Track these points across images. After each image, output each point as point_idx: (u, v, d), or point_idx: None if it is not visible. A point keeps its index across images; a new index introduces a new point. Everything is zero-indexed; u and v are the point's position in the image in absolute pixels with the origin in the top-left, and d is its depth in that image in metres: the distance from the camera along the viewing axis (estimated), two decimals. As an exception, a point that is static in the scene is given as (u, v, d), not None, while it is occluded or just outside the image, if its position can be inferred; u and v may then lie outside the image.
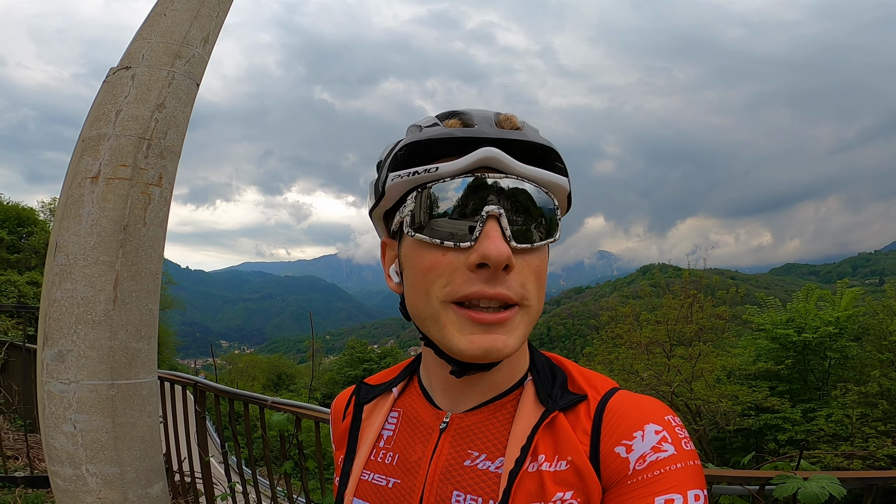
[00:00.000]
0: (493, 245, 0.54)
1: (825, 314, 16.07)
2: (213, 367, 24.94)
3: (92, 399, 1.84)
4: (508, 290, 0.56)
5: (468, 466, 0.61)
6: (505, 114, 0.63)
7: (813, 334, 15.53)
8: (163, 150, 2.04)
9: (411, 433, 0.68)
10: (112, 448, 1.85)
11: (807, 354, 16.07)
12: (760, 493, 1.53)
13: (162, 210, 2.08)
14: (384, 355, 33.99)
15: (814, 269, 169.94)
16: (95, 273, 1.93)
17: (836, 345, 15.59)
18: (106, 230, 1.94)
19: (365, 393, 0.76)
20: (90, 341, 1.88)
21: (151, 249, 2.06)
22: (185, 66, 2.11)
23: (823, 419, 13.10)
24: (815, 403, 14.47)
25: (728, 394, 13.55)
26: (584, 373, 0.66)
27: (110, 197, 1.93)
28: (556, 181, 0.60)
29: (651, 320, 16.02)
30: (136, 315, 1.99)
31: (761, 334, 17.26)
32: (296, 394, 32.24)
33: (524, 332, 0.58)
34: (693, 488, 0.53)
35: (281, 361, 45.65)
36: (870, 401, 12.79)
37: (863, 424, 11.88)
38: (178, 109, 2.08)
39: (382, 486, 0.65)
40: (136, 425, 1.92)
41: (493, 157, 0.57)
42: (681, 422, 0.59)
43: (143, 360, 1.99)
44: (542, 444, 0.59)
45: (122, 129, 1.95)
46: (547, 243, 0.60)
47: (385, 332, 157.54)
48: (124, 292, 1.97)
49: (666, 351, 15.00)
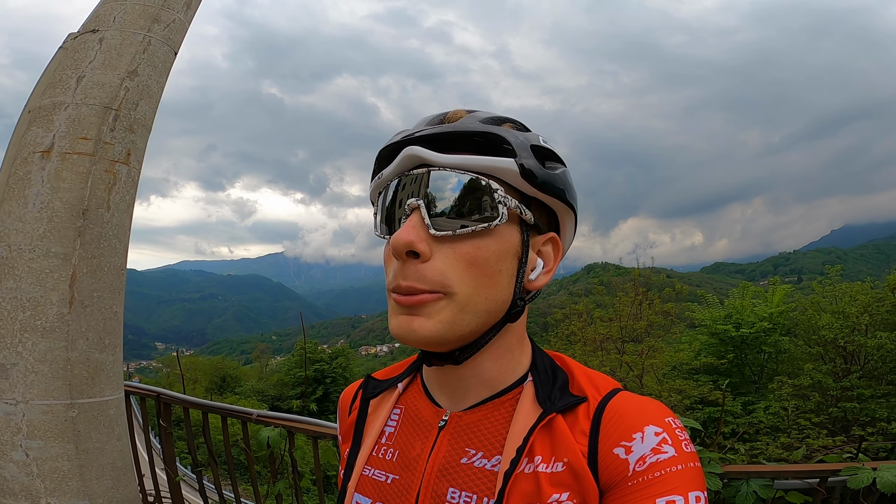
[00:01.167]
0: (396, 234, 0.57)
1: (759, 310, 17.16)
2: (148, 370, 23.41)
3: (46, 422, 1.50)
4: (418, 280, 0.57)
5: (465, 464, 0.62)
6: (454, 110, 0.65)
7: (749, 329, 16.56)
8: (132, 123, 1.71)
9: (411, 430, 0.69)
10: (78, 478, 1.53)
11: (744, 349, 17.11)
12: (822, 485, 1.52)
13: (129, 192, 1.75)
14: (335, 355, 33.08)
15: (740, 268, 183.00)
16: (46, 268, 1.58)
17: (770, 339, 16.69)
18: (60, 215, 1.59)
19: (372, 388, 0.77)
20: (40, 353, 1.54)
21: (116, 240, 1.72)
22: (164, 31, 1.79)
23: (762, 411, 13.95)
24: (752, 396, 15.41)
25: (676, 388, 14.17)
26: (587, 374, 0.66)
27: (66, 175, 1.58)
28: (492, 164, 0.59)
29: (604, 318, 16.51)
30: (98, 320, 1.65)
31: (702, 330, 18.20)
32: (242, 396, 30.75)
33: (449, 318, 0.58)
34: (694, 490, 0.53)
35: (225, 363, 43.45)
36: (803, 393, 13.76)
37: (798, 416, 12.73)
38: (153, 79, 1.76)
39: (382, 481, 0.66)
40: (105, 451, 1.60)
41: (413, 155, 0.60)
42: (681, 424, 0.59)
43: (109, 373, 1.66)
44: (539, 445, 0.59)
45: (85, 97, 1.62)
46: (475, 229, 0.58)
47: (335, 332, 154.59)
48: (83, 292, 1.63)
49: (618, 347, 15.49)
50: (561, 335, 17.35)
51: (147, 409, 2.87)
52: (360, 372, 36.71)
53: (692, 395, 14.36)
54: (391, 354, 79.40)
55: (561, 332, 17.40)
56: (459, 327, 0.59)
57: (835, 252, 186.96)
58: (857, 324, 14.24)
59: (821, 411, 12.90)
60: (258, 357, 55.20)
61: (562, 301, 22.96)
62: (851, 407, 12.71)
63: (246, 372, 44.77)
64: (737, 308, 17.59)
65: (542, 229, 0.65)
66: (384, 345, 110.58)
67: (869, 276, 20.42)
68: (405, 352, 75.25)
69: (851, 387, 13.14)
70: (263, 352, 58.19)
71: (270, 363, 50.60)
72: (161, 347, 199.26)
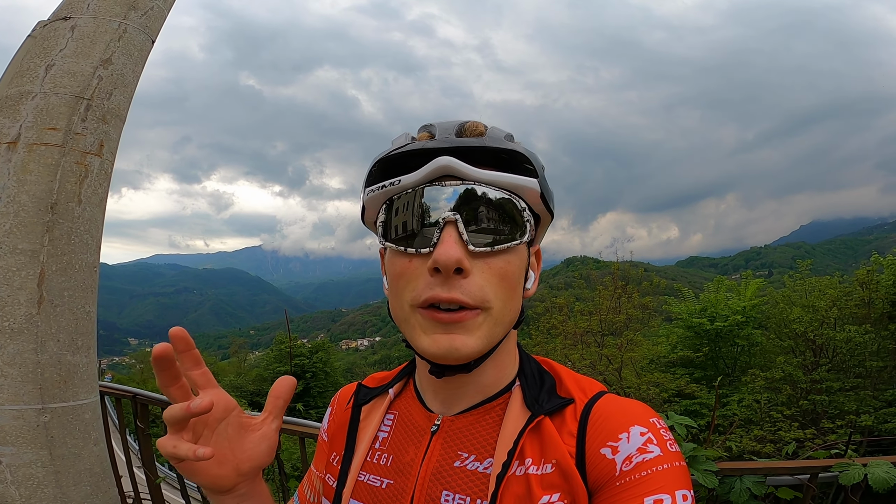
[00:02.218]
0: (443, 250, 0.57)
1: (733, 304, 17.60)
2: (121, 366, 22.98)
3: (18, 428, 1.42)
4: (463, 293, 0.58)
5: (457, 467, 0.63)
6: (472, 122, 0.65)
7: (723, 323, 16.97)
8: (105, 113, 1.61)
9: (405, 435, 0.69)
10: (54, 485, 1.45)
11: (718, 342, 17.54)
12: (812, 481, 1.54)
13: (101, 186, 1.66)
14: (315, 349, 32.69)
15: (713, 262, 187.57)
16: (12, 266, 1.48)
17: (743, 332, 17.14)
18: (27, 209, 1.49)
19: (363, 395, 0.77)
20: (9, 355, 1.45)
21: (88, 235, 1.63)
22: (141, 18, 1.70)
23: (736, 404, 14.32)
24: (726, 389, 15.81)
25: (654, 381, 14.44)
26: (574, 377, 0.68)
27: (33, 167, 1.48)
28: (520, 183, 0.61)
29: (584, 311, 16.70)
30: (69, 320, 1.57)
31: (678, 323, 18.59)
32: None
33: (487, 333, 0.59)
34: (680, 488, 0.54)
35: (203, 357, 42.60)
36: (775, 386, 14.17)
37: (770, 409, 13.09)
38: (128, 67, 1.66)
39: (377, 486, 0.66)
40: (82, 456, 1.52)
41: (447, 166, 0.60)
42: (665, 424, 0.61)
43: (82, 375, 1.57)
44: (529, 447, 0.60)
45: (54, 85, 1.52)
46: (510, 245, 0.61)
47: (315, 326, 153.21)
48: (53, 291, 1.54)
49: (598, 341, 15.70)
50: (542, 329, 17.50)
51: (122, 408, 2.77)
52: (341, 367, 36.45)
53: (669, 388, 14.65)
54: (372, 349, 79.16)
55: (542, 326, 17.55)
56: (494, 340, 0.61)
57: (804, 247, 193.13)
58: (827, 317, 14.71)
59: (792, 404, 13.30)
60: (236, 352, 54.40)
61: (542, 294, 23.15)
62: (821, 399, 13.14)
63: (224, 367, 44.02)
64: (711, 302, 18.01)
65: (533, 242, 0.69)
66: (364, 338, 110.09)
67: (837, 271, 21.13)
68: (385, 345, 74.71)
69: (821, 380, 13.57)
70: (241, 346, 57.35)
71: (249, 358, 49.89)
72: (134, 343, 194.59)
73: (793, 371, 14.10)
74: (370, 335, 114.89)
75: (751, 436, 10.59)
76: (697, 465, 1.46)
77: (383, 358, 45.38)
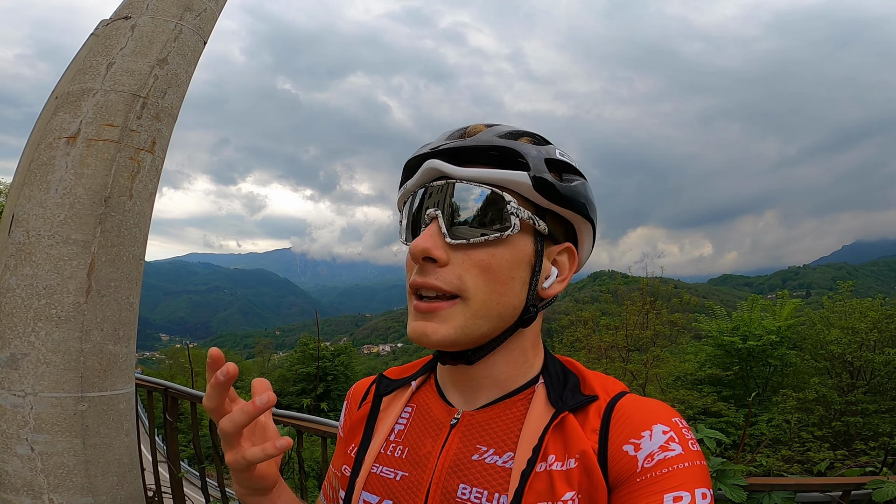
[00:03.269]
0: (416, 241, 0.62)
1: (767, 323, 16.99)
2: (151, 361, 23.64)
3: (55, 415, 1.47)
4: (438, 279, 0.61)
5: (476, 461, 0.63)
6: (475, 125, 0.68)
7: (756, 342, 16.39)
8: (159, 112, 1.68)
9: (422, 428, 0.70)
10: (83, 474, 1.49)
11: (750, 361, 16.93)
12: (844, 498, 1.51)
13: (152, 182, 1.73)
14: (338, 353, 33.00)
15: (748, 281, 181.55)
16: (64, 255, 1.55)
17: (776, 352, 16.52)
18: (82, 201, 1.56)
19: (385, 385, 0.78)
20: (54, 343, 1.50)
21: (136, 229, 1.70)
22: (195, 20, 1.78)
23: (765, 423, 13.79)
24: (756, 409, 15.24)
25: (679, 398, 14.03)
26: (598, 376, 0.68)
27: (90, 161, 1.56)
28: (507, 177, 0.62)
29: (610, 325, 16.39)
30: (114, 310, 1.63)
31: (708, 341, 18.04)
32: (243, 391, 30.74)
33: (462, 324, 0.61)
34: (700, 486, 0.55)
35: (228, 357, 43.41)
36: (807, 406, 13.59)
37: (800, 429, 12.58)
38: (182, 68, 1.74)
39: (390, 478, 0.67)
40: (112, 446, 1.57)
41: (434, 168, 0.64)
42: (687, 424, 0.61)
43: (121, 366, 1.63)
44: (553, 444, 0.60)
45: (114, 83, 1.60)
46: (487, 238, 0.62)
47: (339, 330, 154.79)
48: (101, 281, 1.60)
49: (623, 356, 15.38)
50: (566, 342, 17.24)
51: (153, 401, 2.83)
52: (362, 371, 36.70)
53: (695, 405, 14.22)
54: (393, 354, 79.46)
55: (566, 339, 17.29)
56: (471, 331, 0.62)
57: (845, 268, 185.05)
58: (866, 339, 14.09)
59: (824, 425, 12.76)
60: (261, 352, 55.35)
61: (567, 307, 22.83)
62: (855, 421, 12.57)
63: (248, 366, 44.86)
64: (745, 320, 17.42)
65: (558, 239, 0.68)
66: (386, 344, 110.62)
67: (880, 293, 20.19)
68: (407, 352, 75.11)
69: (856, 402, 12.99)
70: (266, 347, 58.33)
71: (273, 358, 50.70)
72: (165, 339, 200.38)
73: (827, 392, 13.52)
74: (392, 341, 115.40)
75: (778, 455, 10.17)
76: (726, 480, 1.43)
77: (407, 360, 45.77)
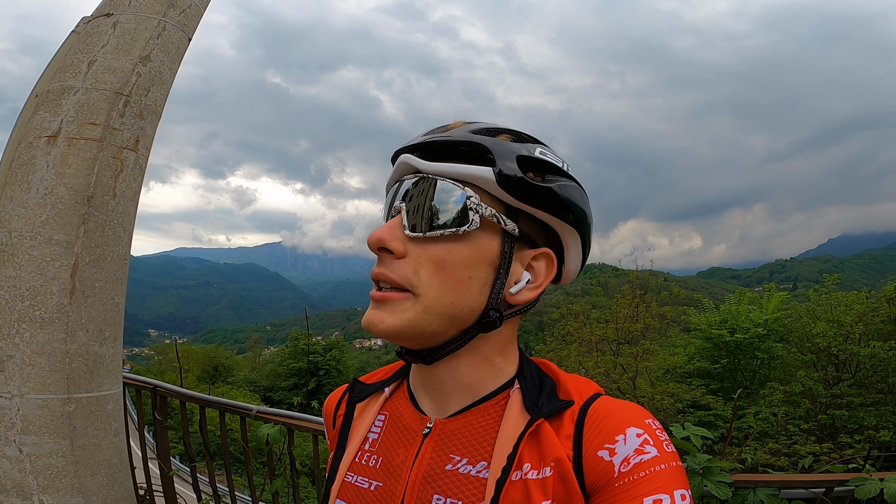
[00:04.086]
0: (374, 232, 0.62)
1: (755, 316, 17.22)
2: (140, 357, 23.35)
3: (42, 417, 1.46)
4: (391, 271, 0.61)
5: (449, 471, 0.62)
6: (454, 122, 0.67)
7: (744, 335, 16.61)
8: (142, 110, 1.66)
9: (395, 437, 0.68)
10: (72, 475, 1.48)
11: (738, 354, 17.17)
12: (828, 495, 1.52)
13: (135, 180, 1.70)
14: (329, 347, 32.96)
15: (735, 274, 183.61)
16: (48, 256, 1.53)
17: (763, 345, 16.76)
18: (64, 201, 1.54)
19: (358, 392, 0.77)
20: (38, 344, 1.49)
21: (121, 228, 1.68)
22: (180, 16, 1.75)
23: (752, 416, 14.01)
24: (743, 402, 15.48)
25: (668, 391, 14.20)
26: (573, 379, 0.67)
27: (72, 161, 1.53)
28: (471, 172, 0.61)
29: (601, 319, 16.51)
30: (99, 311, 1.61)
31: (697, 334, 18.25)
32: (234, 386, 30.61)
33: (411, 318, 0.60)
34: (679, 488, 0.54)
35: (218, 352, 43.27)
36: (793, 399, 13.83)
37: (787, 422, 12.80)
38: (166, 65, 1.71)
39: (365, 488, 0.66)
40: (102, 447, 1.56)
41: (405, 163, 0.65)
42: (661, 425, 0.61)
43: (108, 367, 1.62)
44: (528, 452, 0.59)
45: (95, 81, 1.57)
46: (442, 233, 0.60)
47: (330, 324, 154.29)
48: (85, 282, 1.58)
49: (614, 349, 15.51)
50: (557, 335, 17.34)
51: (142, 399, 2.82)
52: (354, 365, 36.66)
53: (684, 398, 14.39)
54: (385, 348, 79.53)
55: (557, 332, 17.40)
56: (419, 327, 0.61)
57: (831, 261, 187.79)
58: (851, 332, 14.32)
59: (810, 418, 13.00)
60: (252, 347, 55.08)
61: (558, 300, 22.93)
62: (840, 414, 12.81)
63: (239, 361, 44.65)
64: (732, 313, 17.64)
65: (534, 243, 0.65)
66: (378, 338, 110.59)
67: (865, 286, 20.50)
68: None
69: (842, 395, 13.24)
70: (257, 342, 58.04)
71: (264, 353, 50.49)
72: (154, 334, 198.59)
73: (813, 385, 13.77)
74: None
75: (765, 448, 10.35)
76: (711, 477, 1.44)
77: (395, 358, 45.60)
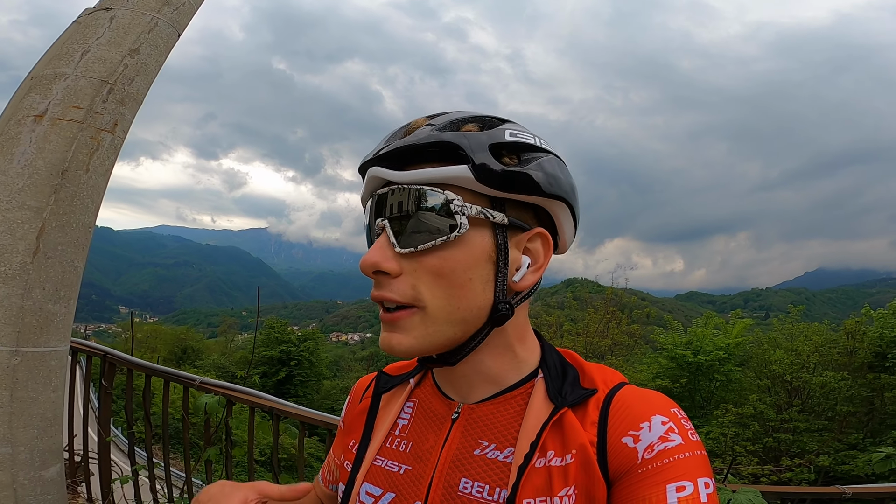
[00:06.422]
0: (365, 256, 0.60)
1: (718, 340, 17.79)
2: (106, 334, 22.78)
3: (-13, 368, 1.61)
4: (392, 292, 0.59)
5: (477, 455, 0.63)
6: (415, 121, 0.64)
7: (706, 357, 17.16)
8: (125, 97, 1.87)
9: (425, 423, 0.70)
10: (6, 425, 1.63)
11: (698, 375, 17.72)
12: None
13: (109, 159, 1.91)
14: (304, 338, 32.74)
15: (712, 299, 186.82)
16: (18, 219, 1.73)
17: (723, 368, 17.33)
18: (40, 172, 1.74)
19: (384, 382, 0.78)
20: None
21: (89, 199, 1.88)
22: (173, 13, 1.96)
23: (704, 436, 14.48)
24: (698, 421, 15.99)
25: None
26: (598, 368, 0.68)
27: (53, 138, 1.74)
28: (447, 174, 0.58)
29: (572, 331, 16.85)
30: (57, 271, 1.80)
31: (663, 353, 18.77)
32: (201, 370, 30.18)
33: (423, 333, 0.60)
34: (703, 476, 0.55)
35: (189, 334, 42.56)
36: (744, 421, 14.36)
37: (735, 443, 13.28)
38: (153, 58, 1.93)
39: (394, 471, 0.67)
40: (38, 401, 1.71)
41: (375, 176, 0.62)
42: (685, 414, 0.61)
43: (58, 325, 1.79)
44: (551, 440, 0.60)
45: (85, 70, 1.78)
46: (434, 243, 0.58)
47: (308, 315, 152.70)
48: (49, 244, 1.78)
49: (580, 361, 15.84)
50: (527, 344, 17.57)
51: (92, 367, 2.86)
52: (328, 358, 36.36)
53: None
54: (361, 344, 79.12)
55: (527, 341, 17.64)
56: (435, 339, 0.60)
57: (805, 293, 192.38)
58: (807, 362, 14.94)
59: (757, 440, 13.50)
60: (224, 331, 54.25)
61: (537, 311, 23.30)
62: (786, 438, 13.36)
63: (210, 345, 43.94)
64: (698, 335, 18.18)
65: (526, 226, 0.62)
66: (356, 333, 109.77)
67: (827, 320, 21.24)
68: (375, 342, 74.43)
69: (790, 419, 13.81)
70: (231, 327, 57.15)
71: (236, 339, 49.79)
72: (124, 311, 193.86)
73: (764, 409, 14.32)
74: (362, 330, 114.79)
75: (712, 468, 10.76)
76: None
77: (371, 354, 45.11)
